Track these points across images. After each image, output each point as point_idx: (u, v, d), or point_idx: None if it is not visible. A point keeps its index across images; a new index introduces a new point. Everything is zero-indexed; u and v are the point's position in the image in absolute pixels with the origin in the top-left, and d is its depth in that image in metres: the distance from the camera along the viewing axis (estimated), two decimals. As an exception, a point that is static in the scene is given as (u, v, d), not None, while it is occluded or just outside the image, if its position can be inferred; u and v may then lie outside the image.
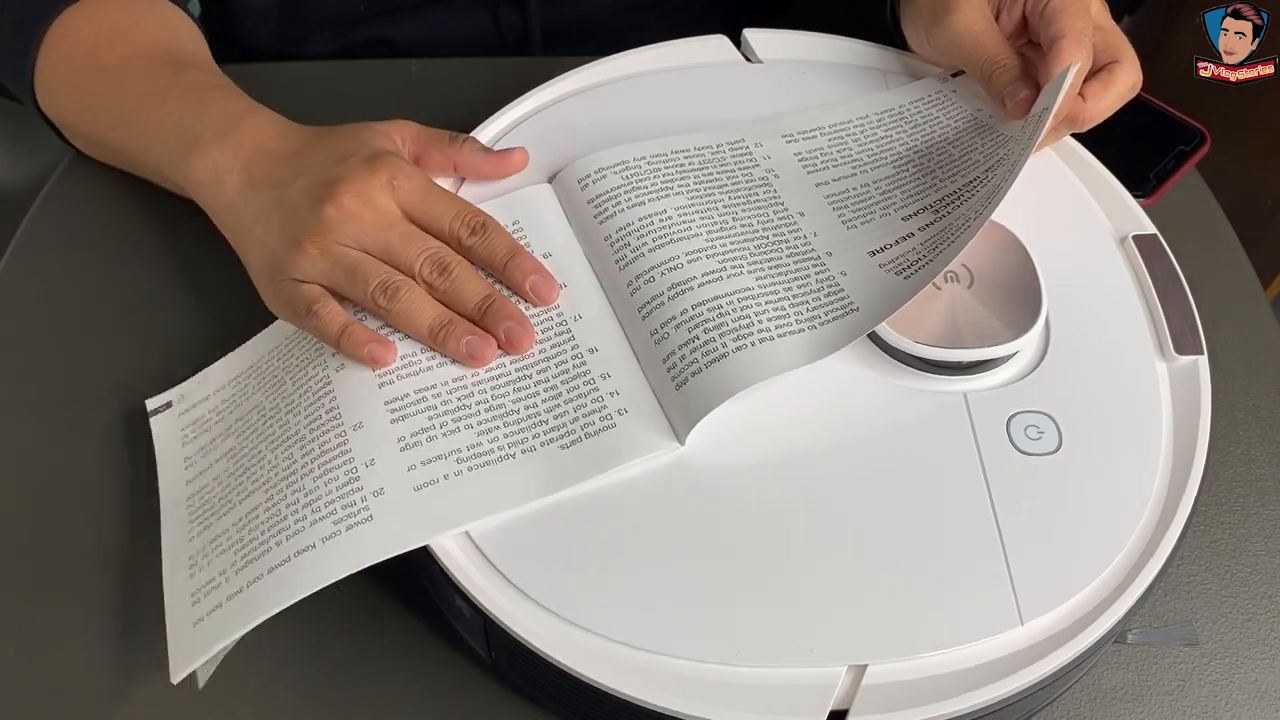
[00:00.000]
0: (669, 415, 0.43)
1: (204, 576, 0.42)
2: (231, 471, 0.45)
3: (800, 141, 0.53)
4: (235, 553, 0.42)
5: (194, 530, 0.44)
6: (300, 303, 0.45)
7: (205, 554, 0.43)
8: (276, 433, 0.45)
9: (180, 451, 0.47)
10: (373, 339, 0.44)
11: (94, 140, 0.57)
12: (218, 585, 0.41)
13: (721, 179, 0.50)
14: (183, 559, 0.43)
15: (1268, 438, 0.52)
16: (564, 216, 0.50)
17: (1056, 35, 0.49)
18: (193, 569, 0.43)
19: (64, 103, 0.56)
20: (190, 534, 0.44)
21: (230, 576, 0.41)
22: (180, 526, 0.45)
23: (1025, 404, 0.44)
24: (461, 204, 0.48)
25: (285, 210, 0.47)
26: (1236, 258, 0.59)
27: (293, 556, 0.40)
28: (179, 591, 0.42)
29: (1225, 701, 0.44)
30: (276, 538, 0.41)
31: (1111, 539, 0.41)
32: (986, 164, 0.50)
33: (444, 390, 0.44)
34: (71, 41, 0.55)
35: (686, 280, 0.46)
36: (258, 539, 0.42)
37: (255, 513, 0.43)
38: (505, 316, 0.45)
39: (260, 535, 0.42)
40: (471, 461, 0.42)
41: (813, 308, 0.45)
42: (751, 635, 0.39)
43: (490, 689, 0.44)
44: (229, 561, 0.42)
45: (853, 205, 0.50)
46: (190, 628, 0.41)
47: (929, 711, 0.37)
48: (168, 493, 0.46)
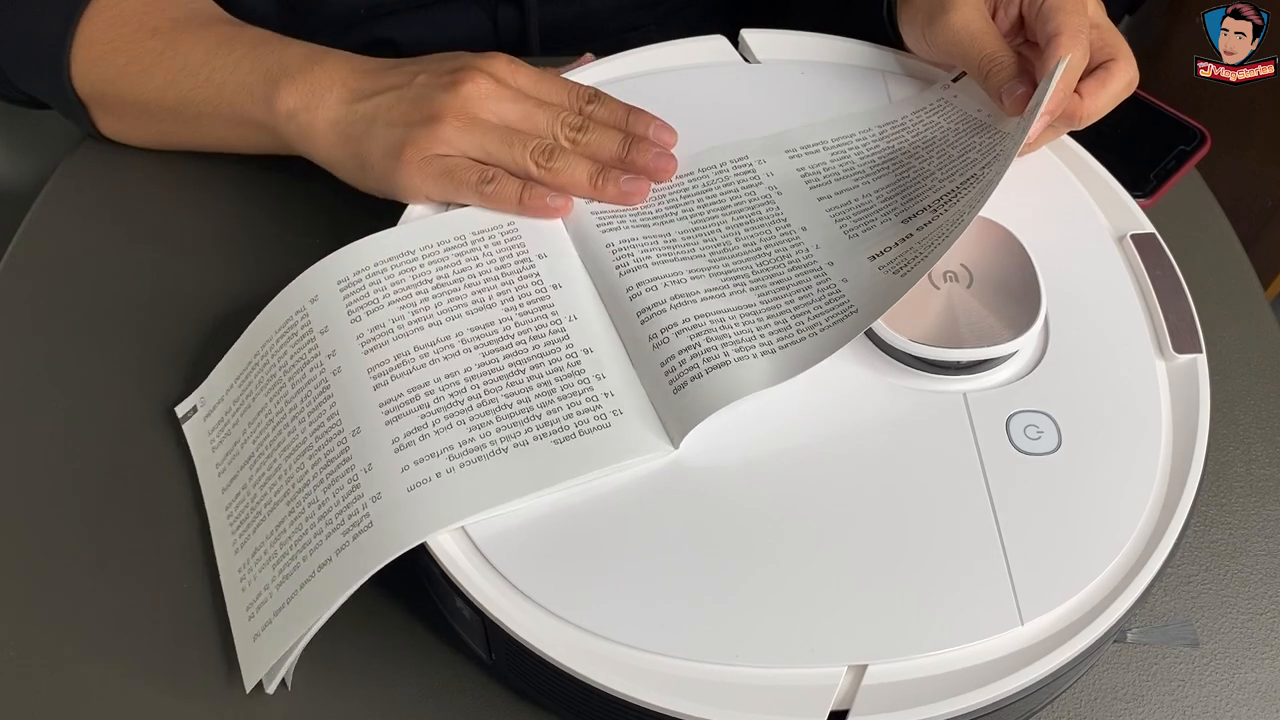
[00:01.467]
0: (663, 418, 0.43)
1: (253, 591, 0.43)
2: (255, 480, 0.45)
3: (803, 156, 0.53)
4: (273, 568, 0.43)
5: (237, 541, 0.45)
6: (470, 173, 0.49)
7: (250, 568, 0.44)
8: (287, 440, 0.45)
9: (211, 457, 0.47)
10: (550, 192, 0.49)
11: (140, 105, 0.57)
12: (264, 601, 0.42)
13: (725, 200, 0.51)
14: (234, 571, 0.44)
15: (1268, 438, 0.52)
16: (561, 221, 0.50)
17: (1053, 32, 0.49)
18: (243, 582, 0.44)
19: (107, 72, 0.56)
20: (235, 545, 0.45)
21: (273, 592, 0.42)
22: (226, 537, 0.45)
23: (1024, 403, 0.44)
24: (570, 81, 0.52)
25: (415, 97, 0.50)
26: (1236, 258, 0.59)
27: (316, 572, 0.41)
28: (237, 604, 0.44)
29: (1225, 701, 0.44)
30: (302, 553, 0.42)
31: (1111, 538, 0.41)
32: (984, 160, 0.50)
33: (437, 388, 0.44)
34: (117, 11, 0.56)
35: (689, 293, 0.46)
36: (288, 554, 0.42)
37: (282, 526, 0.43)
38: (648, 147, 0.50)
39: (290, 550, 0.42)
40: (464, 458, 0.42)
41: (814, 316, 0.45)
42: (751, 635, 0.39)
43: (490, 690, 0.44)
44: (270, 577, 0.43)
45: (854, 216, 0.50)
46: (251, 641, 0.42)
47: (929, 711, 0.37)
48: (211, 501, 0.47)
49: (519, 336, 0.45)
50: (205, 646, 0.44)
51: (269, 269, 0.50)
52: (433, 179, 0.49)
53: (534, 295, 0.47)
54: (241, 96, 0.54)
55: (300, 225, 0.57)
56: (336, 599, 0.40)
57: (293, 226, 0.57)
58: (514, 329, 0.45)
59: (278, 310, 0.48)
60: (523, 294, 0.47)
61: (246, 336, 0.49)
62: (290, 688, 0.43)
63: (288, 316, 0.47)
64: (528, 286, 0.47)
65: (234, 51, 0.54)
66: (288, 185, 0.59)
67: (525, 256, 0.48)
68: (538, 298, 0.47)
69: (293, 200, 0.59)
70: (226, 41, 0.55)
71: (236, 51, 0.54)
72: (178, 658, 0.44)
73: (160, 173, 0.59)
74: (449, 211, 0.50)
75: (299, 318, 0.47)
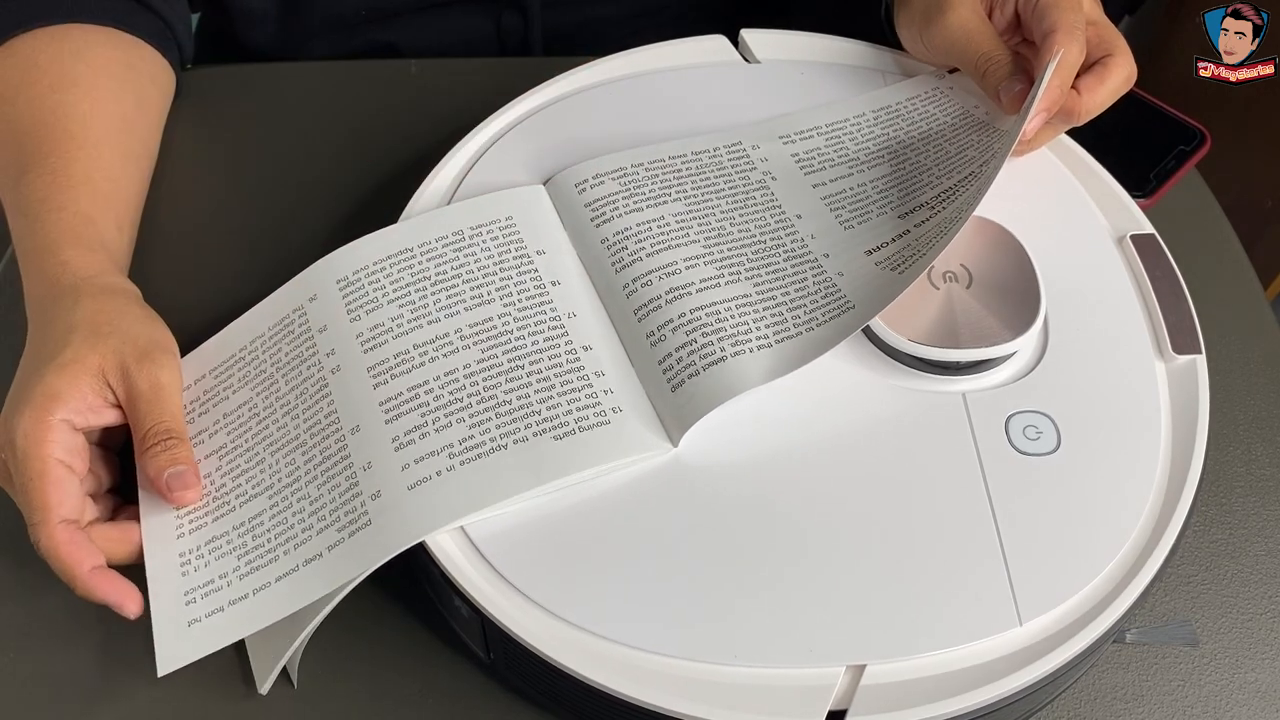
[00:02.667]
0: (662, 417, 0.43)
1: (200, 578, 0.42)
2: (225, 471, 0.45)
3: (797, 142, 0.53)
4: (238, 558, 0.42)
5: (183, 527, 0.43)
6: None
7: (200, 554, 0.43)
8: (275, 436, 0.45)
9: None
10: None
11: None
12: (218, 589, 0.41)
13: (719, 184, 0.50)
14: (171, 555, 0.43)
15: (1268, 438, 0.52)
16: (557, 217, 0.50)
17: (1049, 29, 0.49)
18: (185, 567, 0.42)
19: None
20: (178, 530, 0.43)
21: (233, 581, 0.41)
22: (163, 520, 0.44)
23: (1024, 404, 0.44)
24: None
25: None
26: (1236, 258, 0.59)
27: (301, 566, 0.41)
28: (168, 587, 0.42)
29: (1225, 701, 0.44)
30: (284, 546, 0.41)
31: (1110, 538, 0.41)
32: (981, 159, 0.50)
33: (436, 386, 0.44)
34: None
35: (685, 285, 0.46)
36: (264, 546, 0.42)
37: (259, 519, 0.43)
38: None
39: (266, 543, 0.42)
40: (464, 455, 0.42)
41: (810, 310, 0.45)
42: (750, 635, 0.39)
43: (489, 689, 0.44)
44: (230, 566, 0.42)
45: (849, 205, 0.50)
46: (184, 627, 0.41)
47: (928, 711, 0.37)
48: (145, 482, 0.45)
49: (518, 332, 0.45)
50: (204, 646, 0.44)
51: (268, 269, 0.50)
52: None
53: (532, 291, 0.47)
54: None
55: (299, 225, 0.57)
56: (319, 593, 0.39)
57: (292, 226, 0.57)
58: (513, 324, 0.45)
59: (272, 307, 0.48)
60: (521, 290, 0.47)
61: (231, 330, 0.49)
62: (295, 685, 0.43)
63: (284, 314, 0.47)
64: (526, 283, 0.47)
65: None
66: (287, 185, 0.59)
67: (524, 253, 0.48)
68: (536, 294, 0.47)
69: (292, 200, 0.59)
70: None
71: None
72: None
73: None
74: (448, 206, 0.50)
75: (296, 316, 0.47)
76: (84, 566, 0.40)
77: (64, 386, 0.42)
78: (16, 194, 0.50)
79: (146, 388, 0.44)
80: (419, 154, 0.59)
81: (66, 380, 0.43)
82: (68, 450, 0.42)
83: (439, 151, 0.53)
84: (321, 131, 0.62)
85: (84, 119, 0.53)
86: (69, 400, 0.42)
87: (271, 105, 0.63)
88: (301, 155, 0.61)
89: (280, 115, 0.63)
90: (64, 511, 0.41)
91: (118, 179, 0.53)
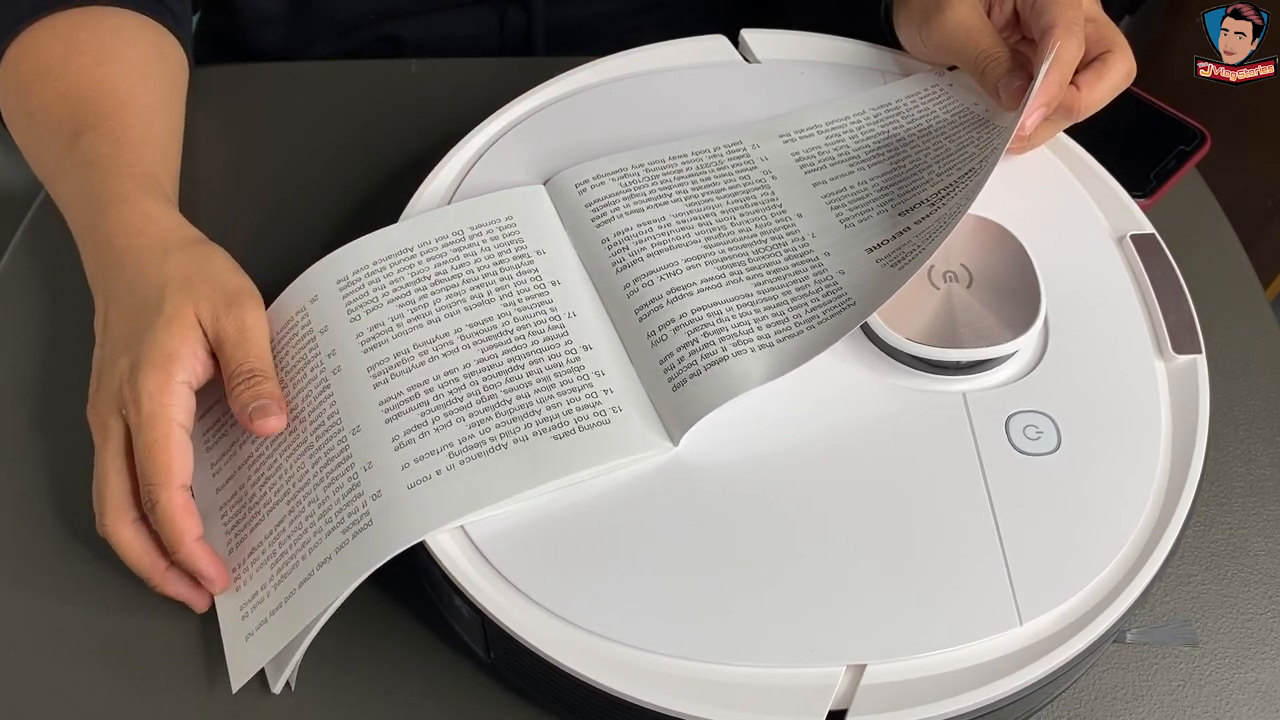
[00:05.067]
0: (663, 416, 0.43)
1: (248, 591, 0.43)
2: (254, 480, 0.45)
3: (797, 141, 0.53)
4: (271, 567, 0.43)
5: (231, 542, 0.45)
6: None
7: (245, 567, 0.44)
8: (288, 440, 0.45)
9: (206, 458, 0.47)
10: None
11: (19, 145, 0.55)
12: (261, 600, 0.42)
13: (719, 183, 0.50)
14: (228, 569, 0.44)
15: (1268, 438, 0.52)
16: (558, 217, 0.50)
17: (1047, 25, 0.49)
18: (237, 582, 0.43)
19: (15, 137, 0.55)
20: (229, 545, 0.45)
21: (270, 591, 0.42)
22: (219, 538, 0.45)
23: (1024, 404, 0.44)
24: None
25: None
26: (1236, 258, 0.59)
27: (315, 570, 0.41)
28: (229, 604, 0.43)
29: (1225, 701, 0.44)
30: (301, 551, 0.42)
31: (1110, 538, 0.41)
32: (980, 155, 0.50)
33: (436, 385, 0.44)
34: (14, 73, 0.54)
35: (686, 285, 0.46)
36: (287, 553, 0.42)
37: (281, 525, 0.43)
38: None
39: (289, 549, 0.42)
40: (464, 455, 0.42)
41: (811, 308, 0.45)
42: (750, 635, 0.39)
43: (489, 689, 0.44)
44: (267, 576, 0.43)
45: (850, 204, 0.50)
46: (243, 641, 0.42)
47: (928, 711, 0.37)
48: (203, 502, 0.46)
49: (518, 332, 0.45)
50: (206, 646, 0.44)
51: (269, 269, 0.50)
52: None
53: (533, 291, 0.47)
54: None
55: (299, 224, 0.57)
56: (337, 597, 0.40)
57: (292, 225, 0.57)
58: (513, 324, 0.45)
59: (278, 311, 0.48)
60: (521, 289, 0.47)
61: None
62: (293, 687, 0.43)
63: (288, 317, 0.48)
64: (526, 282, 0.47)
65: (61, 182, 0.51)
66: (286, 184, 0.59)
67: (524, 252, 0.48)
68: (536, 294, 0.47)
69: (292, 199, 0.59)
70: (57, 163, 0.51)
71: (61, 183, 0.51)
72: (179, 658, 0.44)
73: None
74: (448, 206, 0.50)
75: (299, 317, 0.47)
76: (192, 535, 0.42)
77: (177, 345, 0.44)
78: (76, 151, 0.51)
79: (234, 331, 0.45)
80: (419, 154, 0.59)
81: (177, 338, 0.44)
82: (187, 413, 0.43)
83: (439, 151, 0.53)
84: (321, 131, 0.62)
85: (131, 90, 0.54)
86: (185, 360, 0.44)
87: (271, 105, 0.63)
88: (301, 155, 0.61)
89: (279, 115, 0.63)
90: (184, 476, 0.42)
91: (168, 147, 0.54)
